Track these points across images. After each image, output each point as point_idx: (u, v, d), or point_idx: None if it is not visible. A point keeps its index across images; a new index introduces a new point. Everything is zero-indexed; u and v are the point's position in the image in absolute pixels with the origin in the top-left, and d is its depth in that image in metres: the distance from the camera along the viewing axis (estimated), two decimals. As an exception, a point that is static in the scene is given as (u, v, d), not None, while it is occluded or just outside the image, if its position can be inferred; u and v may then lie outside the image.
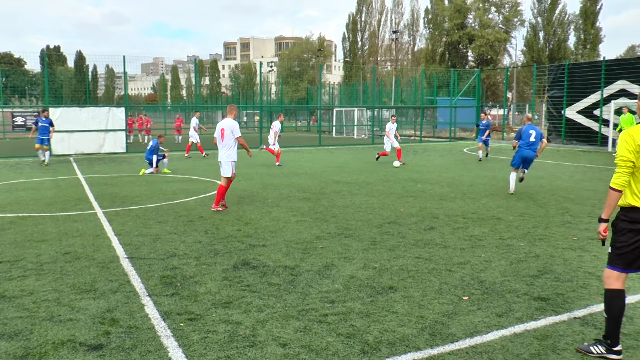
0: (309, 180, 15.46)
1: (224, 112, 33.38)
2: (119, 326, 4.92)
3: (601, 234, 4.45)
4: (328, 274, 6.49)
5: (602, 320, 5.08)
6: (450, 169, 18.70)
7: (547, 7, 66.84)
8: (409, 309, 5.37)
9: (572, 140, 30.81)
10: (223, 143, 10.76)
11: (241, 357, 4.32)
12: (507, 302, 5.59)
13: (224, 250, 7.62)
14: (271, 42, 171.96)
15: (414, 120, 44.97)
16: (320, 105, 40.11)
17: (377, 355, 4.35)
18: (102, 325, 4.93)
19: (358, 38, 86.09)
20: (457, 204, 11.47)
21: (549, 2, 66.74)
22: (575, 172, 17.74)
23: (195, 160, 22.87)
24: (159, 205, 11.36)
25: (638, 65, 28.20)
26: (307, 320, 5.06)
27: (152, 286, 6.04)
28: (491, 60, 69.22)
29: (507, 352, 4.43)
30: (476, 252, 7.56)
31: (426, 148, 30.19)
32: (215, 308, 5.36)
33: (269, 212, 10.56)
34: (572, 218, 10.02)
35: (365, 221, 9.66)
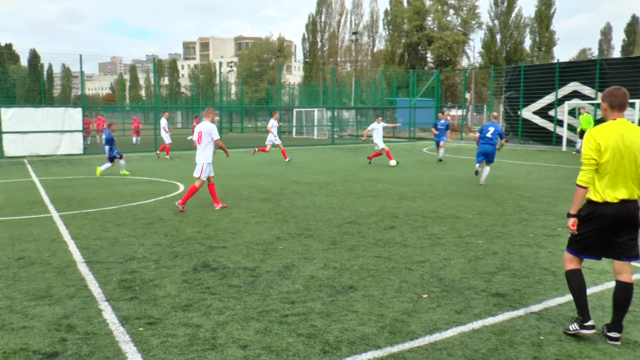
0: (269, 181, 15.44)
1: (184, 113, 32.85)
2: (75, 332, 4.83)
3: (570, 228, 4.78)
4: (288, 275, 6.50)
5: (557, 314, 5.26)
6: (409, 168, 18.91)
7: (503, 11, 68.24)
8: (369, 307, 5.43)
9: (529, 140, 31.52)
10: (199, 146, 10.77)
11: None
12: (466, 299, 5.70)
13: (183, 253, 7.55)
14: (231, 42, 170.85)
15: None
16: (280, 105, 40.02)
17: (338, 355, 4.38)
18: (57, 332, 4.83)
19: (318, 39, 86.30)
20: (416, 203, 11.62)
21: (505, 6, 68.17)
22: (531, 171, 18.15)
23: (156, 161, 22.56)
24: (117, 207, 11.18)
25: (589, 67, 29.04)
26: (267, 321, 5.07)
27: (110, 291, 5.96)
28: (450, 62, 70.23)
29: (465, 348, 4.52)
30: (435, 251, 7.68)
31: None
32: (175, 311, 5.32)
33: (229, 213, 10.51)
34: (529, 216, 10.26)
35: (325, 221, 9.71)
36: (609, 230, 4.63)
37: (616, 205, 4.57)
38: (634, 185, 4.59)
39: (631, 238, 4.64)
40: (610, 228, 4.62)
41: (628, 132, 4.57)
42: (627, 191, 4.58)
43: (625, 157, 4.53)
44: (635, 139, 4.55)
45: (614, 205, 4.57)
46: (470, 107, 60.35)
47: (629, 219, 4.60)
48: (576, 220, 4.75)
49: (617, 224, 4.60)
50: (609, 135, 4.56)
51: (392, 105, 45.83)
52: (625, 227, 4.61)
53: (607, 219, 4.59)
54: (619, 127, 4.58)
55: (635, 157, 4.54)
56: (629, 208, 4.59)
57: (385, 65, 69.23)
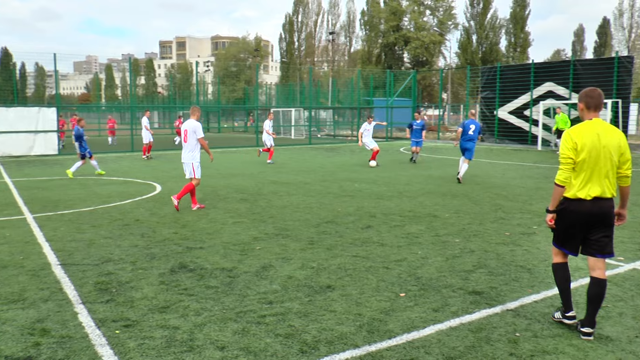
0: (246, 181, 15.39)
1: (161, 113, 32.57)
2: (50, 336, 4.76)
3: (548, 223, 4.99)
4: (266, 275, 6.49)
5: (533, 311, 5.33)
6: (387, 168, 18.99)
7: (479, 12, 68.95)
8: (346, 307, 5.44)
9: (505, 140, 31.87)
10: (186, 145, 10.76)
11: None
12: (443, 297, 5.74)
13: (160, 254, 7.50)
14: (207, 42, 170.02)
15: (351, 120, 45.38)
16: (257, 105, 39.90)
17: (316, 355, 4.39)
18: (31, 337, 4.76)
19: (295, 38, 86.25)
20: (393, 202, 11.68)
21: (481, 7, 68.90)
22: (507, 170, 18.35)
23: (132, 161, 22.33)
24: (93, 209, 11.06)
25: (563, 68, 29.49)
26: (245, 322, 5.05)
27: (86, 293, 5.89)
28: (426, 62, 70.65)
29: (443, 346, 4.56)
30: (413, 249, 7.73)
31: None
32: (152, 313, 5.28)
33: (206, 213, 10.46)
34: (505, 214, 10.37)
35: (303, 221, 9.71)
36: (583, 227, 4.78)
37: (589, 203, 4.71)
38: (609, 184, 4.72)
39: (605, 235, 4.77)
40: (584, 224, 4.76)
41: (604, 132, 4.72)
42: (601, 189, 4.70)
43: (601, 156, 4.67)
44: (610, 139, 4.70)
45: (587, 203, 4.71)
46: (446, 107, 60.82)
47: (602, 217, 4.72)
48: (554, 215, 4.93)
49: (590, 220, 4.74)
50: (586, 135, 4.71)
51: (369, 105, 45.97)
52: (599, 224, 4.74)
53: (580, 215, 4.75)
54: (595, 127, 4.74)
55: (612, 156, 4.68)
56: (602, 206, 4.71)
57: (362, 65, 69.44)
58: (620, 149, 4.72)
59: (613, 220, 4.82)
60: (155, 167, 19.60)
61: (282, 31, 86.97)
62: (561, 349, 4.50)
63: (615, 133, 4.76)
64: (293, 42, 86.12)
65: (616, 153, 4.70)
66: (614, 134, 4.74)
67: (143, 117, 25.24)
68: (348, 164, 20.72)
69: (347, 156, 24.55)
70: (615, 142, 4.70)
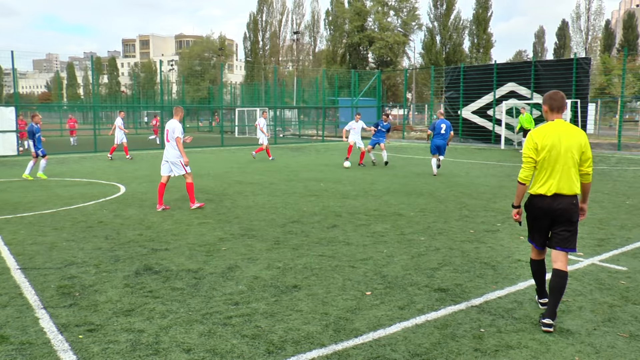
0: (211, 181, 15.29)
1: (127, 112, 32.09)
2: (9, 343, 4.64)
3: (513, 217, 5.35)
4: (232, 276, 6.47)
5: (497, 307, 5.44)
6: (352, 167, 19.07)
7: (442, 13, 69.86)
8: (313, 306, 5.45)
9: (469, 139, 32.35)
10: (169, 144, 10.88)
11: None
12: (409, 295, 5.80)
13: (125, 256, 7.39)
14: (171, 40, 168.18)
15: (316, 120, 45.45)
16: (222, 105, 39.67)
17: (282, 355, 4.39)
18: (-9, 341, 4.64)
19: (259, 38, 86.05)
20: (359, 201, 11.74)
21: (444, 8, 69.81)
22: (471, 168, 18.62)
23: (95, 162, 21.93)
24: (55, 211, 10.84)
25: (525, 69, 30.07)
26: (211, 323, 5.03)
27: (47, 298, 5.77)
28: (391, 62, 71.23)
29: (409, 343, 4.61)
30: (378, 248, 7.78)
31: (328, 147, 30.63)
32: (116, 317, 5.20)
33: (171, 215, 10.36)
34: (470, 212, 10.52)
35: (268, 221, 9.69)
36: (546, 221, 5.06)
37: (550, 198, 4.97)
38: (570, 181, 4.94)
39: (566, 230, 5.00)
40: (546, 219, 5.04)
41: (565, 133, 4.96)
42: (561, 186, 4.93)
43: (561, 155, 4.91)
44: (571, 139, 4.93)
45: (547, 198, 4.98)
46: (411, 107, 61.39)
47: (563, 212, 4.95)
48: (519, 210, 5.28)
49: (552, 215, 4.99)
50: (547, 136, 4.97)
51: (334, 104, 46.11)
52: (560, 219, 4.98)
53: (542, 210, 5.03)
54: (556, 128, 4.99)
55: (573, 155, 4.91)
56: (562, 202, 4.94)
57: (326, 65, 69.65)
58: (581, 147, 4.93)
59: (575, 216, 5.00)
60: (119, 168, 19.31)
61: (246, 30, 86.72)
62: (524, 343, 4.60)
63: (577, 133, 4.98)
64: (258, 41, 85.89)
65: (577, 152, 4.92)
66: (575, 134, 4.96)
67: (118, 117, 24.79)
68: (313, 163, 20.75)
69: (313, 156, 24.58)
70: (575, 142, 4.92)
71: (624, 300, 5.64)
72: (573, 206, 4.98)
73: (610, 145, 27.16)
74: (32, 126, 16.23)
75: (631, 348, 4.52)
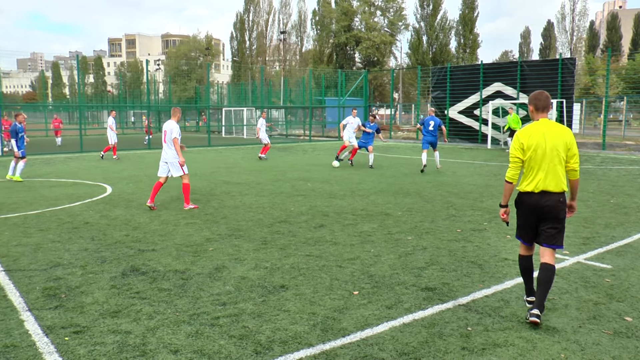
0: (198, 181, 15.23)
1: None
2: (-5, 343, 4.61)
3: (501, 217, 5.47)
4: (219, 276, 6.45)
5: (484, 305, 5.47)
6: (339, 167, 19.08)
7: (429, 13, 70.09)
8: (300, 306, 5.46)
9: (455, 138, 32.47)
10: (166, 144, 10.99)
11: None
12: (396, 294, 5.82)
13: (111, 257, 7.35)
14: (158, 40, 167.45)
15: (303, 120, 45.45)
16: (209, 104, 39.51)
17: (270, 355, 4.39)
18: (-24, 344, 4.60)
19: (246, 37, 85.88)
20: (346, 201, 11.76)
21: (430, 8, 70.06)
22: (458, 168, 18.70)
23: (81, 162, 21.77)
24: (40, 212, 10.75)
25: (511, 69, 30.27)
26: (198, 324, 5.01)
27: (33, 300, 5.72)
28: (378, 62, 71.34)
29: (396, 342, 4.62)
30: (366, 248, 7.80)
31: (315, 147, 30.63)
32: (103, 318, 5.17)
33: (158, 215, 10.31)
34: (456, 211, 10.57)
35: (255, 221, 9.68)
36: (534, 217, 5.18)
37: (537, 195, 5.10)
38: (557, 178, 5.06)
39: (553, 227, 5.12)
40: (534, 215, 5.16)
41: (550, 131, 5.10)
42: (548, 183, 5.06)
43: (547, 153, 5.05)
44: (556, 137, 5.07)
45: (535, 195, 5.11)
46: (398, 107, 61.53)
47: (549, 209, 5.07)
48: (507, 210, 5.42)
49: (539, 212, 5.12)
50: (532, 136, 5.12)
51: (321, 104, 46.13)
52: (547, 215, 5.10)
53: (529, 207, 5.17)
54: (542, 127, 5.14)
55: (558, 153, 5.04)
56: (549, 199, 5.06)
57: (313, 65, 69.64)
58: (567, 145, 5.07)
59: (562, 214, 5.12)
60: (106, 168, 19.19)
61: (233, 30, 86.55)
62: (511, 341, 4.63)
63: (562, 131, 5.11)
64: (244, 41, 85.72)
65: (563, 150, 5.05)
66: (560, 132, 5.09)
67: (109, 117, 24.58)
68: (300, 163, 20.74)
69: (300, 156, 24.57)
70: (561, 140, 5.06)
71: (608, 297, 5.69)
72: (560, 204, 5.09)
73: (595, 145, 27.40)
74: (15, 125, 15.89)
75: (615, 345, 4.56)
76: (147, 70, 34.40)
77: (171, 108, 11.37)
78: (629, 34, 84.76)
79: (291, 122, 50.88)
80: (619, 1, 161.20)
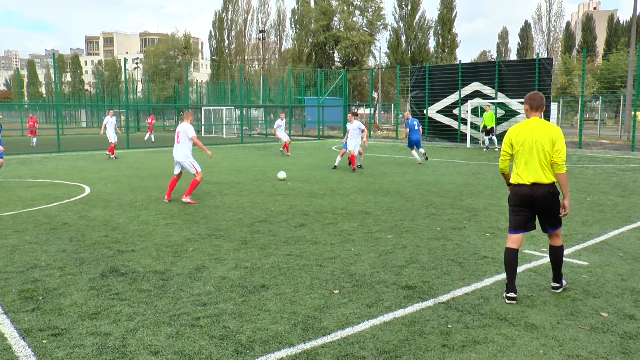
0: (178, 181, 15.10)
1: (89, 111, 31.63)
2: (-29, 347, 4.54)
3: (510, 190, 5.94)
4: (199, 277, 6.42)
5: (464, 303, 5.52)
6: (319, 166, 19.10)
7: (407, 13, 70.53)
8: (281, 306, 5.45)
9: (435, 137, 32.68)
10: (178, 145, 11.71)
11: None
12: (377, 293, 5.84)
13: (90, 258, 7.27)
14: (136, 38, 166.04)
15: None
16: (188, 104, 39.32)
17: (251, 355, 4.38)
18: (-49, 348, 4.52)
19: (225, 36, 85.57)
20: (326, 200, 11.77)
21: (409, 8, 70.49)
22: (438, 167, 18.82)
23: (58, 162, 21.48)
24: (16, 213, 10.59)
25: (489, 69, 30.54)
26: (179, 325, 4.98)
27: (9, 302, 5.63)
28: (357, 61, 71.57)
29: (377, 340, 4.64)
30: (346, 247, 7.82)
31: (295, 146, 30.60)
32: (82, 320, 5.12)
33: (137, 215, 10.23)
34: (436, 210, 10.64)
35: (235, 221, 9.65)
36: (527, 206, 5.60)
37: (528, 187, 5.54)
38: (544, 171, 5.50)
39: (549, 214, 5.63)
40: (528, 205, 5.59)
41: (537, 128, 5.56)
42: (537, 175, 5.50)
43: (533, 148, 5.51)
44: (542, 134, 5.51)
45: (526, 187, 5.55)
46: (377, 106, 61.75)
47: (542, 199, 5.52)
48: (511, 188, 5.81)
49: (532, 202, 5.55)
50: (520, 133, 5.63)
51: (300, 103, 46.10)
52: (541, 207, 5.57)
53: (523, 197, 5.58)
54: (530, 125, 5.61)
55: (543, 147, 5.46)
56: (539, 189, 5.50)
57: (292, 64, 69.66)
58: (552, 140, 5.47)
59: (553, 202, 5.57)
60: (84, 169, 18.97)
61: (212, 28, 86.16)
62: (491, 338, 4.68)
63: (548, 128, 5.54)
64: (223, 39, 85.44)
65: (548, 145, 5.46)
66: (546, 129, 5.53)
67: (107, 116, 24.38)
68: (281, 162, 20.71)
69: (279, 155, 24.53)
70: (546, 136, 5.48)
71: (585, 294, 5.78)
72: (550, 195, 5.52)
73: (571, 144, 27.74)
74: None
75: (592, 340, 4.63)
76: (125, 69, 34.09)
77: (184, 112, 12.29)
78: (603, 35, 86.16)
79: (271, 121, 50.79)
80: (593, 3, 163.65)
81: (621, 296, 5.72)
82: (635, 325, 4.95)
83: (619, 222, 9.44)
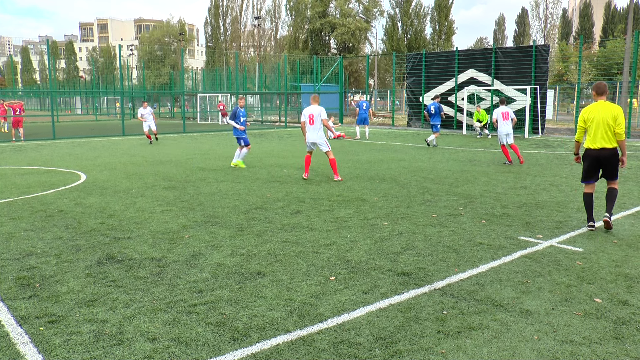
0: (174, 168, 15.12)
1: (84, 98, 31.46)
2: (-32, 333, 4.54)
3: (575, 161, 8.50)
4: (196, 264, 6.43)
5: (459, 289, 5.54)
6: (315, 153, 19.05)
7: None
8: (277, 292, 5.47)
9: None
10: (313, 126, 12.80)
11: (108, 356, 4.18)
12: (373, 279, 5.86)
13: (86, 246, 7.28)
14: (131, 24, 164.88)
15: (279, 106, 45.27)
16: (183, 90, 39.13)
17: (247, 342, 4.40)
18: (-52, 334, 4.52)
19: (220, 23, 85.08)
20: (322, 187, 11.77)
21: (406, -5, 69.98)
22: (434, 153, 18.83)
23: (54, 149, 21.39)
24: (12, 200, 10.57)
25: (486, 56, 30.43)
26: (175, 312, 5.00)
27: (5, 290, 5.64)
28: (353, 48, 71.26)
29: (373, 327, 4.66)
30: (342, 233, 7.83)
31: (291, 133, 30.56)
32: (78, 307, 5.13)
33: (133, 202, 10.22)
34: (432, 197, 10.66)
35: (232, 208, 9.65)
36: (596, 165, 7.84)
37: (596, 151, 7.76)
38: (608, 139, 7.67)
39: (610, 169, 7.82)
40: (596, 164, 7.83)
41: (603, 108, 7.74)
42: (603, 142, 7.69)
43: (600, 123, 7.68)
44: (606, 112, 7.67)
45: (595, 150, 7.78)
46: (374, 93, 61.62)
47: (606, 158, 7.74)
48: (578, 157, 8.32)
49: (599, 161, 7.78)
50: (591, 112, 7.83)
51: (296, 90, 45.96)
52: (605, 163, 7.77)
53: (592, 158, 7.84)
54: (598, 106, 7.80)
55: (607, 122, 7.63)
56: (604, 152, 7.70)
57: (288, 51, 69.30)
58: (614, 116, 7.59)
59: (614, 161, 7.75)
60: (79, 156, 18.92)
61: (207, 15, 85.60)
62: (485, 324, 4.71)
63: (611, 108, 7.67)
64: (219, 26, 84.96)
65: (611, 119, 7.61)
66: (609, 108, 7.68)
67: (141, 108, 24.96)
68: (276, 149, 20.69)
69: (275, 142, 24.50)
70: (609, 114, 7.63)
71: (579, 280, 5.81)
72: (613, 156, 7.72)
73: (567, 131, 27.79)
74: None
75: (585, 326, 4.67)
76: (120, 56, 33.89)
77: (311, 95, 13.18)
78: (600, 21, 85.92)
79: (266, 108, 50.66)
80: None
81: (615, 282, 5.76)
82: (628, 311, 4.99)
83: (614, 208, 9.47)
